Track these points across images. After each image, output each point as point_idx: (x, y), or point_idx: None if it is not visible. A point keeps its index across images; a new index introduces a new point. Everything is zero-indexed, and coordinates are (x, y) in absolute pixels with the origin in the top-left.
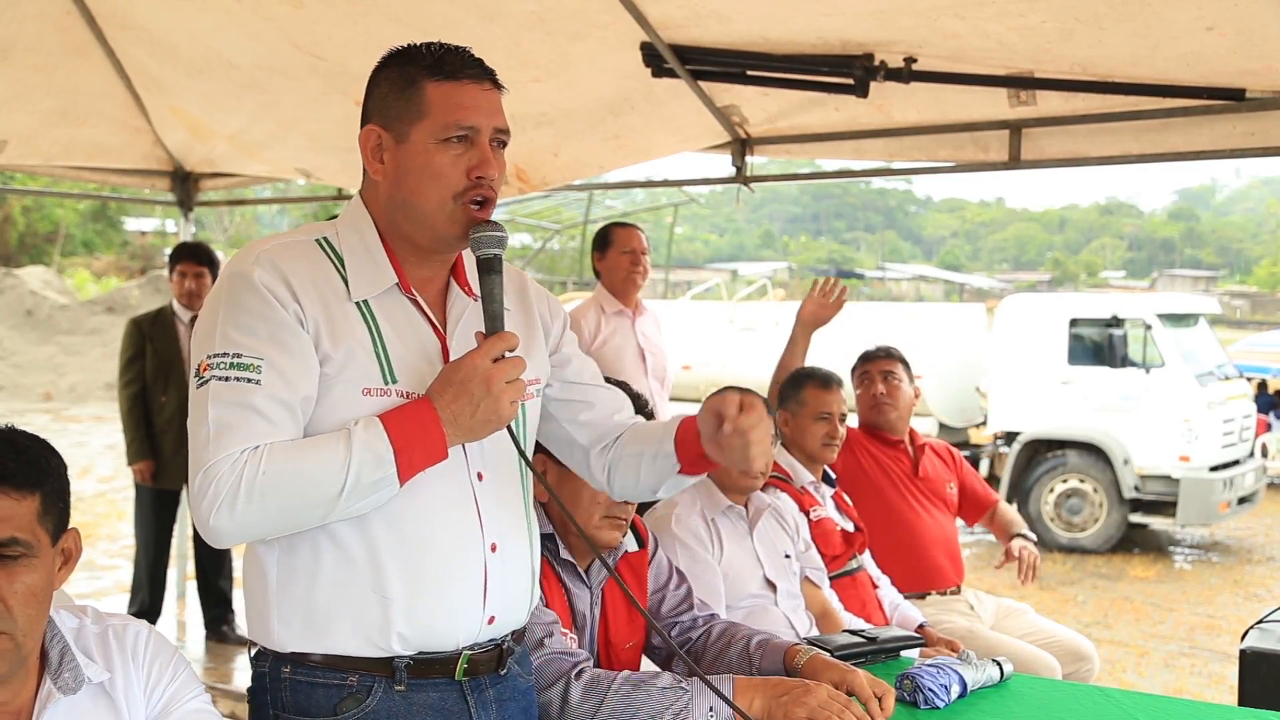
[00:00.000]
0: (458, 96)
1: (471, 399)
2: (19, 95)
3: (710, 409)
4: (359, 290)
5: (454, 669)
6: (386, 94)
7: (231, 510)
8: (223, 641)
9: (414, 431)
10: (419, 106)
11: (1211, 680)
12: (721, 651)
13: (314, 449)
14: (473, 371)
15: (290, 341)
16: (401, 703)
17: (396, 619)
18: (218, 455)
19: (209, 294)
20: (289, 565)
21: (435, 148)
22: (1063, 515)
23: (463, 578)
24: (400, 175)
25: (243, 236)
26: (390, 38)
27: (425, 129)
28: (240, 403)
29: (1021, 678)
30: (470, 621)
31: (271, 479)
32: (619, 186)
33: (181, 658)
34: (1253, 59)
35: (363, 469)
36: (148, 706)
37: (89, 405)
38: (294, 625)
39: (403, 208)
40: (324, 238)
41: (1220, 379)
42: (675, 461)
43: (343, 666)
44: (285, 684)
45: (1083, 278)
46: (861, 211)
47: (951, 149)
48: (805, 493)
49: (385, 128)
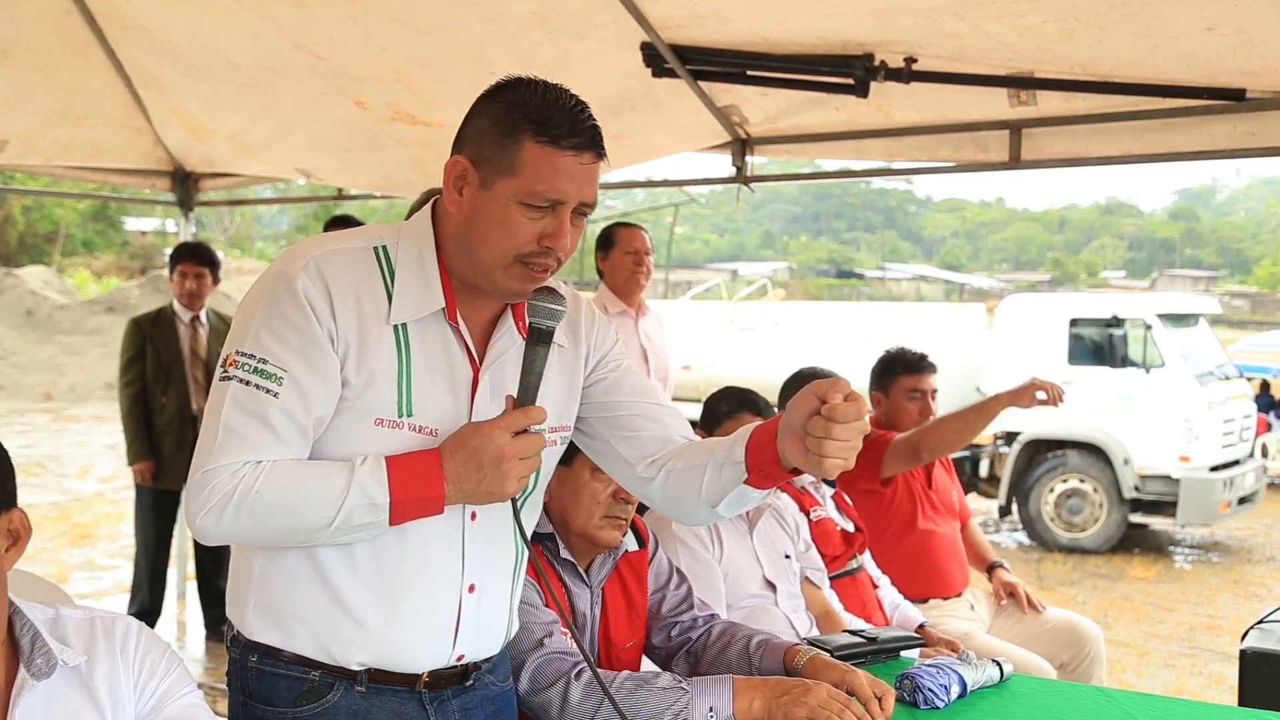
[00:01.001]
0: (554, 164)
1: (480, 468)
2: (19, 95)
3: (811, 390)
4: (400, 313)
5: (415, 681)
6: (485, 132)
7: (219, 518)
8: (223, 641)
9: (415, 485)
10: (512, 162)
11: (1211, 680)
12: (721, 652)
13: (312, 478)
14: (487, 441)
15: (317, 359)
16: (361, 703)
17: (362, 643)
18: (219, 461)
19: (255, 282)
20: (272, 565)
21: (515, 207)
22: (1063, 515)
23: (431, 615)
24: (473, 218)
25: (243, 236)
26: (390, 38)
27: (511, 186)
28: (254, 412)
29: (1021, 678)
30: (436, 657)
31: (265, 498)
32: (619, 186)
33: (173, 654)
34: (1253, 59)
35: (355, 510)
36: (138, 703)
37: (89, 405)
38: (266, 620)
39: (466, 247)
40: (384, 246)
41: (1220, 379)
42: (744, 470)
43: (306, 664)
44: (252, 672)
45: (1083, 278)
46: (861, 211)
47: (951, 149)
48: (805, 493)
49: (474, 165)
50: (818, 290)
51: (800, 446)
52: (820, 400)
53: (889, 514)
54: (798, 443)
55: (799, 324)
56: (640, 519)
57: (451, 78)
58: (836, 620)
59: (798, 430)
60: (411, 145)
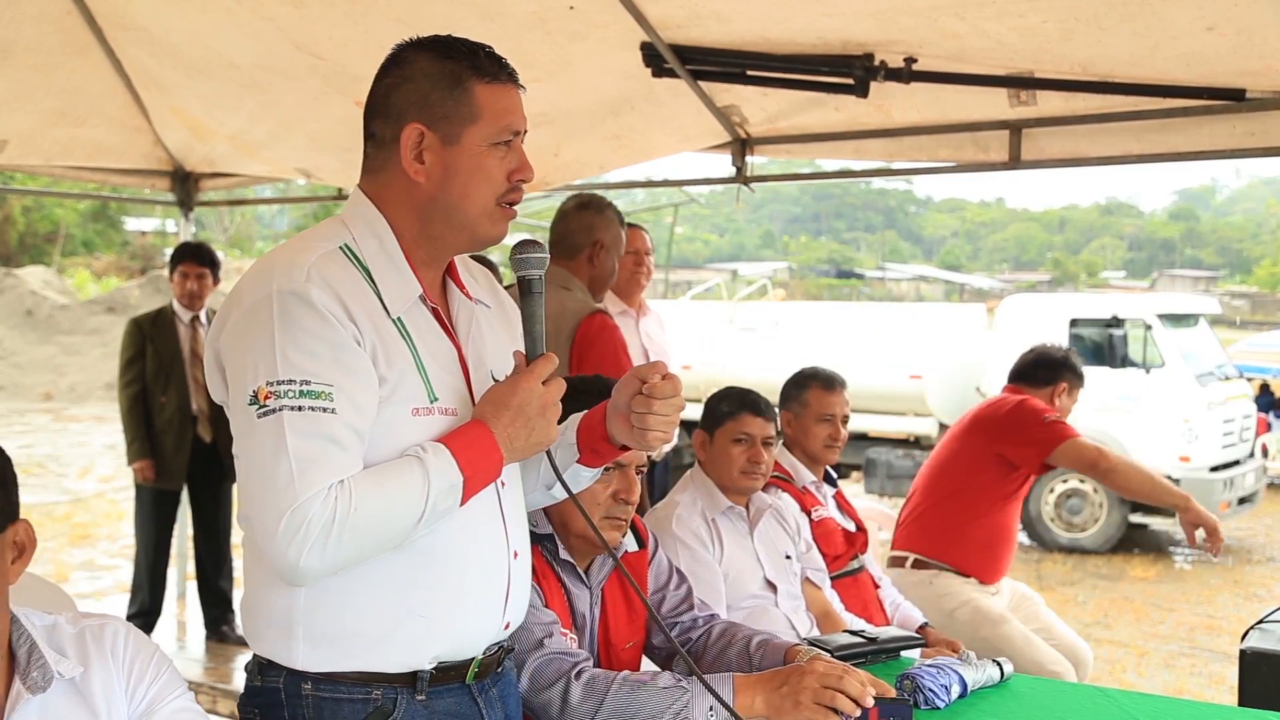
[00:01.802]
0: (505, 99)
1: (528, 422)
2: (19, 95)
3: (633, 373)
4: (395, 306)
5: (466, 673)
6: (428, 93)
7: (323, 550)
8: (223, 641)
9: (478, 457)
10: (470, 109)
11: (1211, 680)
12: (722, 651)
13: (393, 480)
14: (529, 395)
15: (354, 364)
16: (423, 711)
17: (434, 636)
18: (307, 493)
19: (244, 311)
20: (323, 590)
21: (487, 150)
22: (1063, 515)
23: (491, 588)
24: (448, 177)
25: (243, 236)
26: (390, 37)
27: (479, 131)
28: (319, 434)
29: (1021, 678)
30: (492, 629)
31: (363, 516)
32: (619, 186)
33: (162, 656)
34: (1253, 59)
35: (439, 498)
36: (129, 706)
37: (89, 405)
38: (320, 646)
39: (445, 209)
40: (345, 244)
41: (1220, 379)
42: (576, 451)
43: (368, 681)
44: (308, 700)
45: (1083, 278)
46: (861, 211)
47: (951, 149)
48: (807, 493)
49: (429, 127)
50: (818, 290)
51: (626, 424)
52: (641, 381)
53: (998, 488)
54: (624, 421)
55: (799, 324)
56: (640, 520)
57: None
58: (837, 620)
59: (623, 410)
60: None
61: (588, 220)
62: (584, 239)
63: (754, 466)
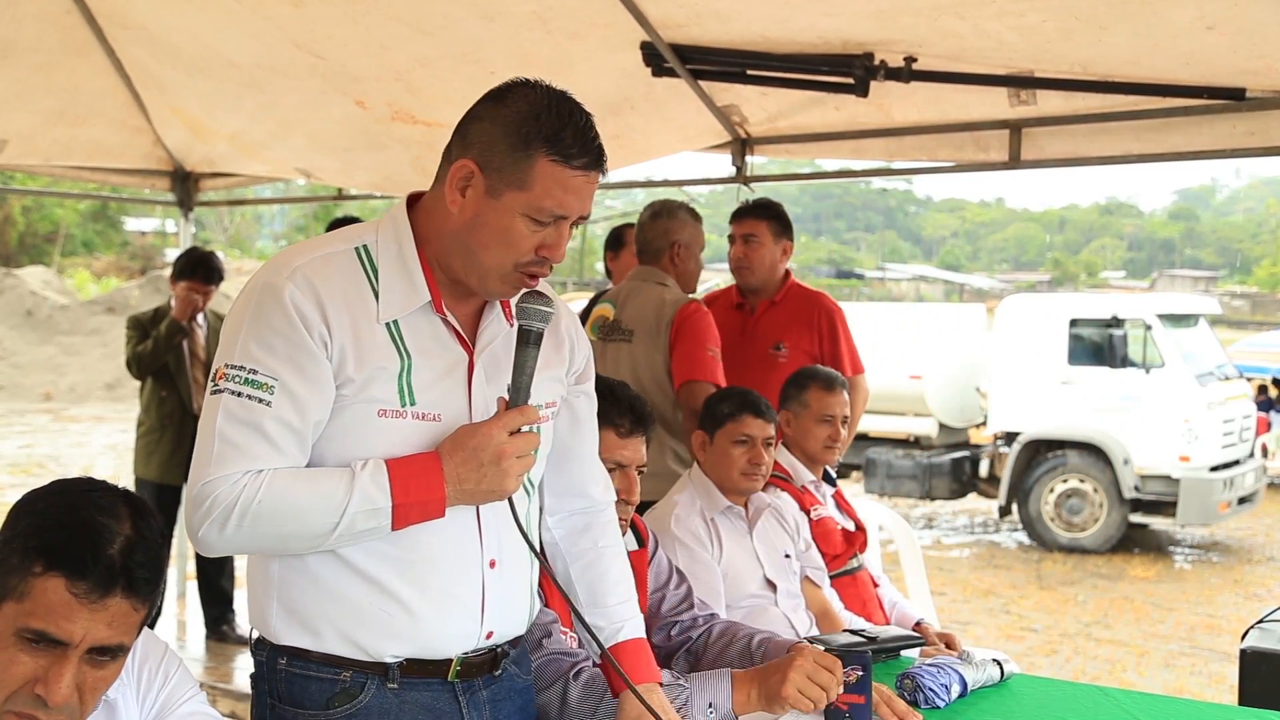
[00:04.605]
0: (565, 182)
1: (479, 466)
2: (19, 95)
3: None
4: (388, 311)
5: (446, 671)
6: (497, 141)
7: (222, 529)
8: (223, 641)
9: (416, 488)
10: (524, 176)
11: (1211, 680)
12: (722, 651)
13: (313, 485)
14: (486, 441)
15: (308, 366)
16: (394, 700)
17: (394, 632)
18: (218, 473)
19: (241, 297)
20: (290, 566)
21: (520, 219)
22: (1063, 515)
23: (459, 595)
24: (475, 223)
25: (243, 236)
26: (390, 37)
27: (521, 200)
28: (248, 422)
29: (1021, 678)
30: (467, 637)
31: (266, 508)
32: (619, 186)
33: (173, 656)
34: (1253, 59)
35: (358, 516)
36: (141, 711)
37: (89, 405)
38: (291, 622)
39: (464, 249)
40: (364, 245)
41: (1220, 379)
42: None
43: (337, 663)
44: (281, 676)
45: (1083, 278)
46: (861, 211)
47: (951, 149)
48: (806, 492)
49: (482, 171)
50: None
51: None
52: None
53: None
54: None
55: None
56: (640, 519)
57: (451, 77)
58: (836, 620)
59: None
60: (412, 145)
61: (662, 226)
62: (663, 243)
63: (754, 468)
